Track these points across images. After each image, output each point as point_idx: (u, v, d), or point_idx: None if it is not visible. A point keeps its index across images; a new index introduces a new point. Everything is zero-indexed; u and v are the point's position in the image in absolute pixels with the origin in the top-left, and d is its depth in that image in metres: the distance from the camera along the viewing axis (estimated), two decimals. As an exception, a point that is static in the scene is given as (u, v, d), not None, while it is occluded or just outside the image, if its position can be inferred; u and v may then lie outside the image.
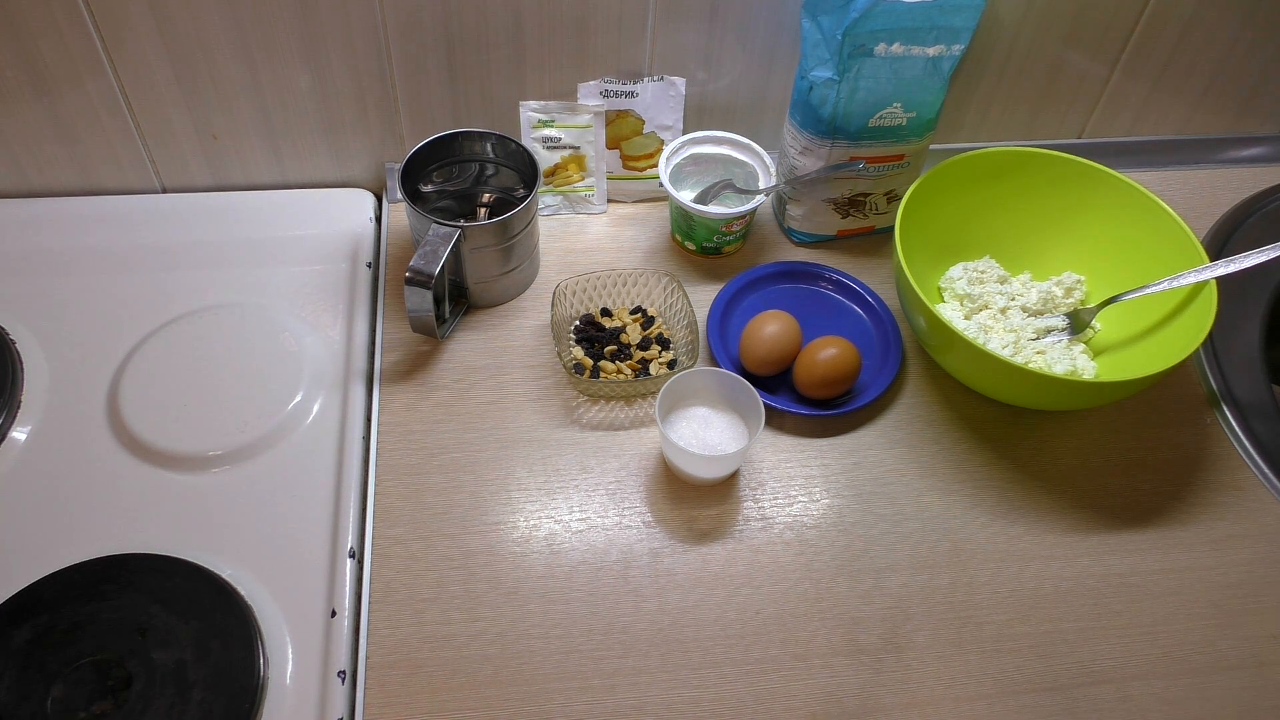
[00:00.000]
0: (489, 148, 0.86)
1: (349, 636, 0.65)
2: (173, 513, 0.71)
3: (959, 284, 0.85)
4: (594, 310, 0.84)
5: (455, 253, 0.77)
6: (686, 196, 0.86)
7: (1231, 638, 0.70)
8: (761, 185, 0.89)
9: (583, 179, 0.92)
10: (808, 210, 0.90)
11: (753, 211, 0.87)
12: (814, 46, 0.79)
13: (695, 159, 0.90)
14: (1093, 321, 0.83)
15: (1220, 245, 0.93)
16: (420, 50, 0.84)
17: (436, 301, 0.78)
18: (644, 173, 0.93)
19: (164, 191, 0.92)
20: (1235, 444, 0.80)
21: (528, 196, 0.80)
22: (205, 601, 0.65)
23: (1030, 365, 0.78)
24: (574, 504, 0.73)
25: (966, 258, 0.87)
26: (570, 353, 0.81)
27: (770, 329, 0.78)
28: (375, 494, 0.73)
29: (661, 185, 0.86)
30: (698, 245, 0.89)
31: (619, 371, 0.80)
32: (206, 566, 0.66)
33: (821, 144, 0.84)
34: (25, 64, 0.80)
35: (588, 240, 0.92)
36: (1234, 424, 0.81)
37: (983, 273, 0.86)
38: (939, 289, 0.87)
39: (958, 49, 0.79)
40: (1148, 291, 0.78)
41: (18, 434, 0.74)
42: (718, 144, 0.90)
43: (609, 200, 0.95)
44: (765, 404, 0.74)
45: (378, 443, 0.76)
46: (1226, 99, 1.01)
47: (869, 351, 0.83)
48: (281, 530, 0.70)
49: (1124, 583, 0.72)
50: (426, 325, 0.78)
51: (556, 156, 0.90)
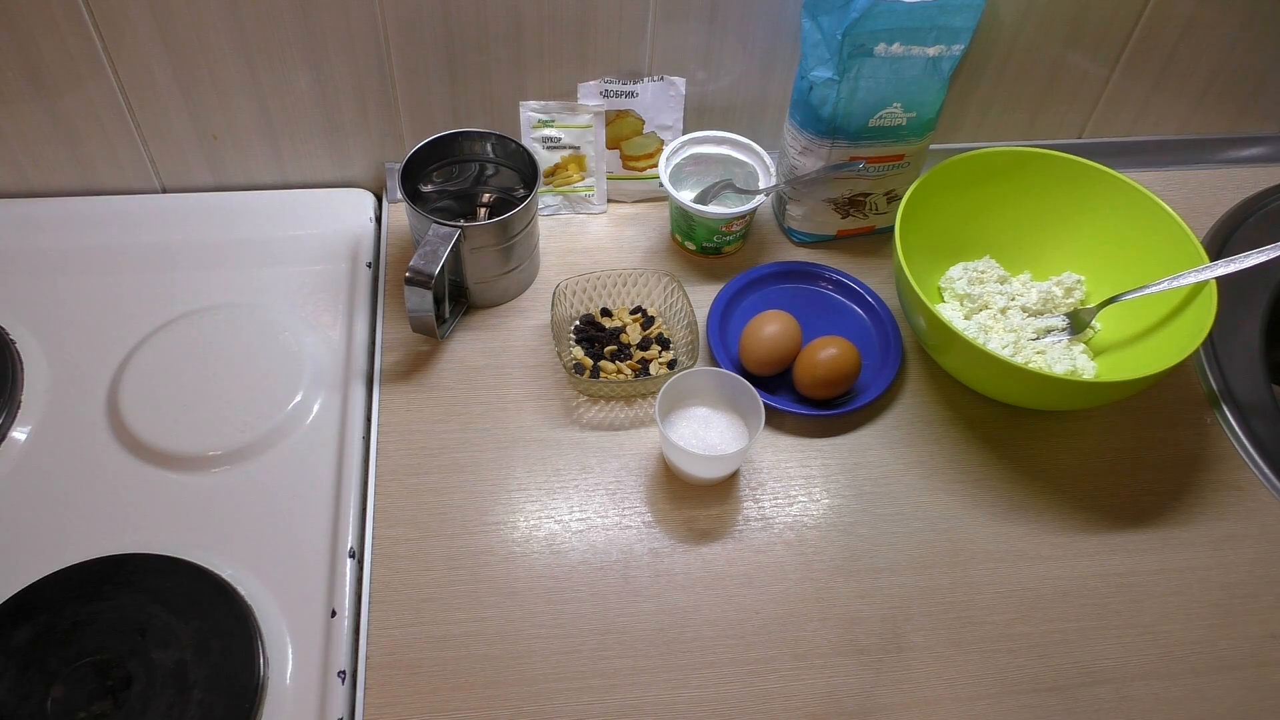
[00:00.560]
0: (489, 148, 0.86)
1: (349, 636, 0.65)
2: (173, 513, 0.71)
3: (959, 284, 0.85)
4: (594, 310, 0.84)
5: (455, 253, 0.77)
6: (686, 196, 0.86)
7: (1231, 638, 0.70)
8: (761, 185, 0.89)
9: (583, 179, 0.92)
10: (808, 210, 0.90)
11: (753, 211, 0.87)
12: (814, 46, 0.79)
13: (695, 159, 0.90)
14: (1093, 321, 0.83)
15: (1220, 245, 0.93)
16: (420, 50, 0.84)
17: (436, 301, 0.78)
18: (644, 173, 0.93)
19: (164, 191, 0.92)
20: (1235, 444, 0.80)
21: (528, 196, 0.80)
22: (205, 601, 0.65)
23: (1030, 365, 0.78)
24: (574, 504, 0.73)
25: (966, 258, 0.87)
26: (570, 353, 0.81)
27: (770, 329, 0.78)
28: (375, 494, 0.73)
29: (661, 185, 0.86)
30: (698, 245, 0.89)
31: (619, 371, 0.80)
32: (206, 566, 0.66)
33: (821, 144, 0.84)
34: (25, 64, 0.80)
35: (588, 240, 0.92)
36: (1234, 424, 0.81)
37: (983, 273, 0.86)
38: (939, 289, 0.87)
39: (958, 49, 0.79)
40: (1148, 291, 0.78)
41: (18, 434, 0.74)
42: (718, 144, 0.90)
43: (609, 200, 0.95)
44: (765, 404, 0.74)
45: (378, 443, 0.76)
46: (1226, 99, 1.01)
47: (869, 351, 0.83)
48: (281, 530, 0.70)
49: (1124, 583, 0.72)
50: (426, 325, 0.78)
51: (556, 156, 0.90)
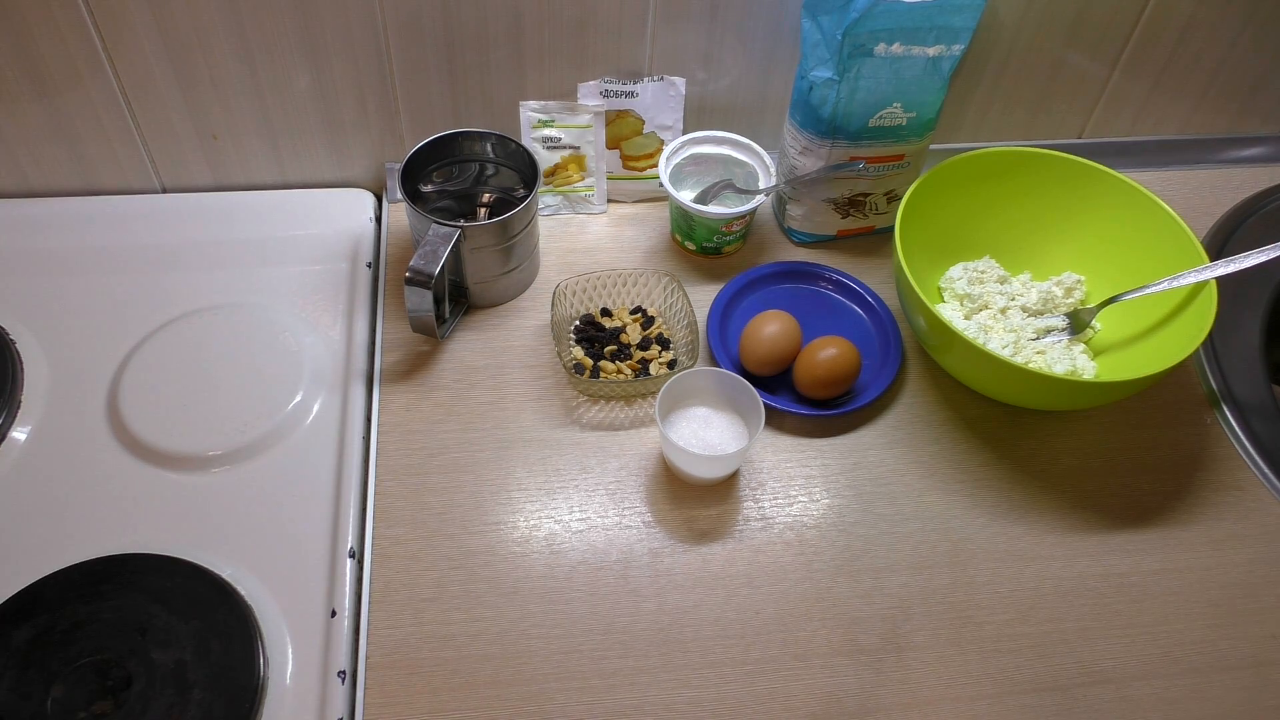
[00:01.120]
0: (489, 148, 0.86)
1: (349, 636, 0.65)
2: (173, 513, 0.71)
3: (959, 284, 0.85)
4: (594, 310, 0.84)
5: (455, 253, 0.77)
6: (686, 196, 0.86)
7: (1231, 638, 0.70)
8: (761, 185, 0.89)
9: (583, 179, 0.92)
10: (808, 210, 0.90)
11: (753, 211, 0.87)
12: (814, 46, 0.79)
13: (695, 159, 0.90)
14: (1093, 321, 0.83)
15: (1220, 245, 0.93)
16: (420, 50, 0.84)
17: (436, 301, 0.78)
18: (644, 173, 0.93)
19: (164, 191, 0.92)
20: (1235, 444, 0.80)
21: (528, 196, 0.80)
22: (205, 601, 0.65)
23: (1030, 365, 0.78)
24: (574, 504, 0.73)
25: (966, 258, 0.87)
26: (570, 353, 0.81)
27: (770, 329, 0.78)
28: (375, 494, 0.73)
29: (661, 185, 0.86)
30: (698, 245, 0.89)
31: (619, 371, 0.80)
32: (206, 566, 0.66)
33: (821, 144, 0.84)
34: (25, 64, 0.80)
35: (588, 240, 0.92)
36: (1234, 424, 0.81)
37: (983, 273, 0.86)
38: (939, 289, 0.87)
39: (958, 49, 0.79)
40: (1148, 291, 0.78)
41: (18, 434, 0.74)
42: (718, 144, 0.90)
43: (609, 200, 0.95)
44: (765, 404, 0.74)
45: (378, 443, 0.76)
46: (1226, 99, 1.01)
47: (869, 351, 0.83)
48: (281, 530, 0.70)
49: (1124, 583, 0.72)
50: (426, 325, 0.78)
51: (556, 156, 0.90)
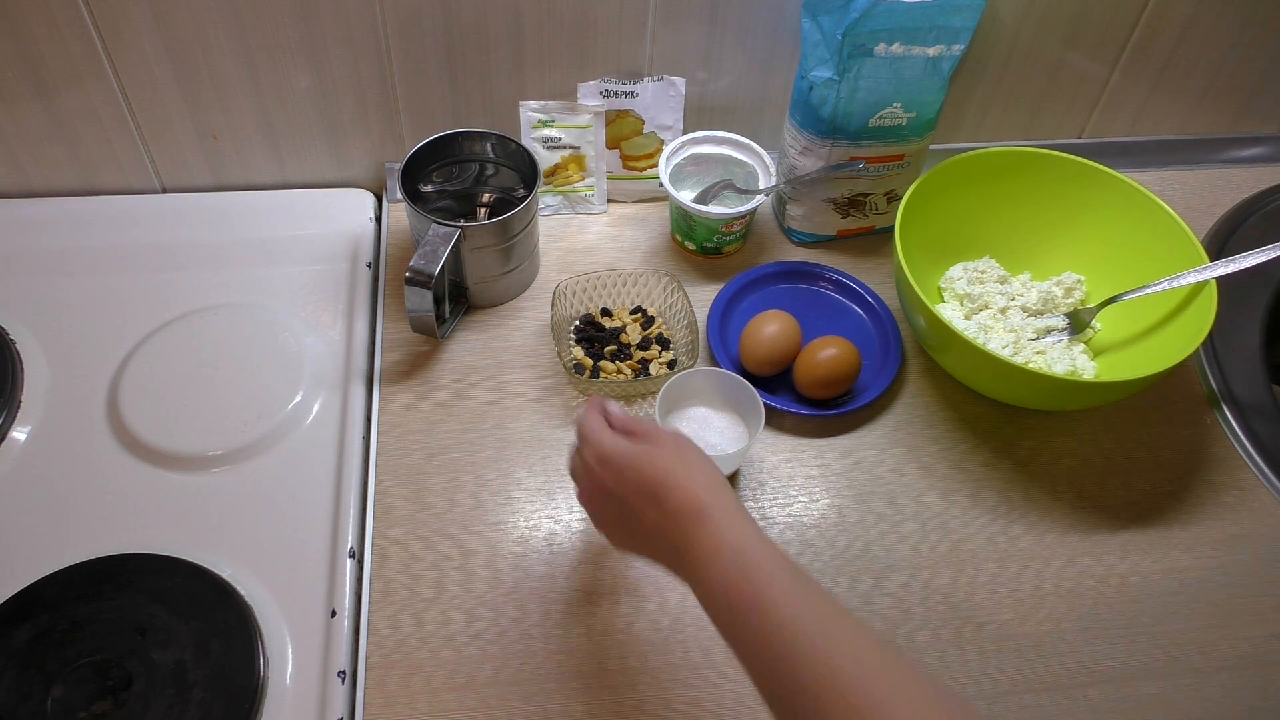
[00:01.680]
0: (489, 148, 0.86)
1: (349, 636, 0.65)
2: (173, 513, 0.71)
3: (959, 284, 0.85)
4: (594, 310, 0.84)
5: (455, 253, 0.77)
6: (686, 196, 0.86)
7: (1231, 638, 0.70)
8: (761, 185, 0.89)
9: (583, 179, 0.92)
10: (808, 210, 0.90)
11: (753, 211, 0.87)
12: (814, 46, 0.79)
13: (695, 159, 0.90)
14: (1093, 321, 0.83)
15: (1220, 245, 0.93)
16: (420, 50, 0.84)
17: (436, 301, 0.78)
18: (644, 173, 0.93)
19: (164, 191, 0.92)
20: (1235, 444, 0.80)
21: (528, 196, 0.80)
22: (205, 601, 0.65)
23: (1030, 365, 0.78)
24: (574, 504, 0.73)
25: (966, 258, 0.87)
26: (570, 353, 0.81)
27: (770, 329, 0.78)
28: (375, 494, 0.73)
29: (661, 185, 0.86)
30: (698, 245, 0.89)
31: (619, 371, 0.80)
32: (206, 566, 0.66)
33: (821, 144, 0.84)
34: (25, 64, 0.80)
35: (588, 240, 0.92)
36: (1234, 424, 0.81)
37: (983, 273, 0.85)
38: (939, 289, 0.87)
39: (958, 49, 0.79)
40: (1148, 291, 0.78)
41: (18, 434, 0.74)
42: (718, 144, 0.90)
43: (609, 200, 0.95)
44: (765, 404, 0.74)
45: (378, 443, 0.76)
46: (1226, 99, 1.01)
47: (869, 351, 0.83)
48: (281, 530, 0.70)
49: (1124, 583, 0.72)
50: (426, 325, 0.78)
51: (556, 156, 0.90)
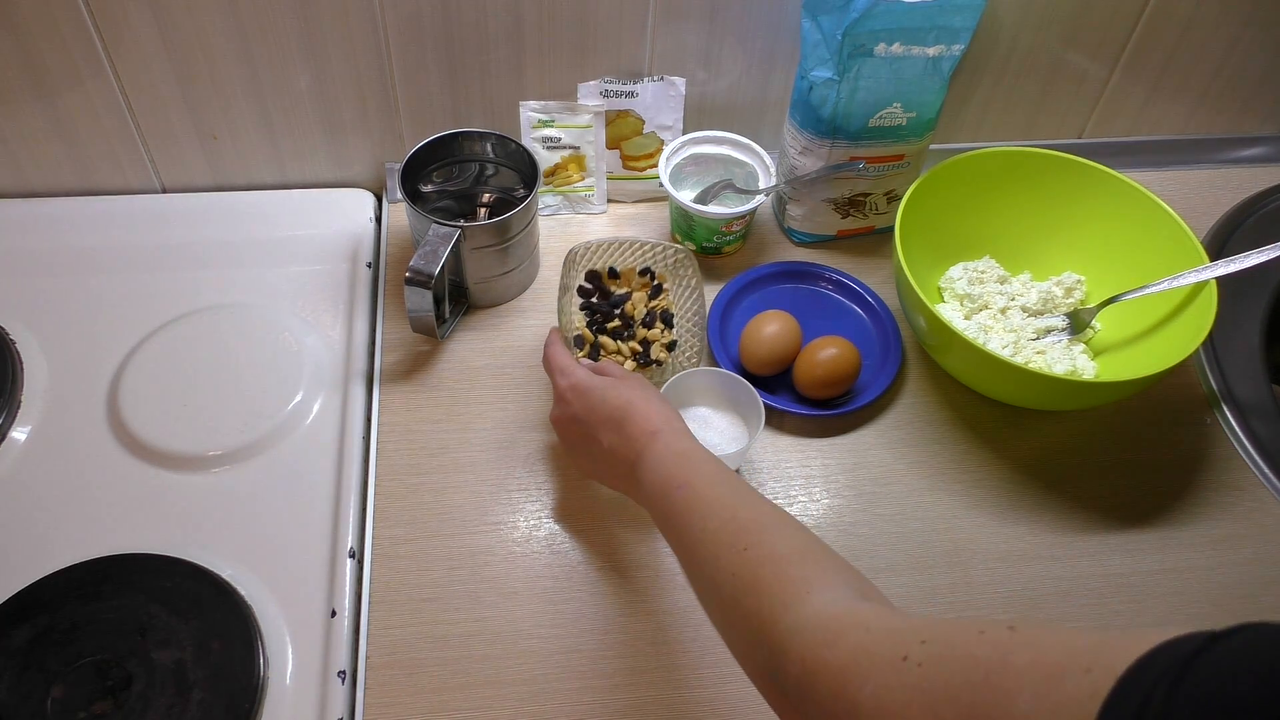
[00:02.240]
0: (489, 148, 0.86)
1: (349, 636, 0.65)
2: (173, 513, 0.71)
3: (959, 284, 0.85)
4: (601, 269, 0.83)
5: (455, 253, 0.77)
6: (686, 196, 0.86)
7: (1231, 638, 0.69)
8: (761, 185, 0.89)
9: (583, 179, 0.92)
10: (808, 210, 0.90)
11: (753, 211, 0.87)
12: (814, 46, 0.79)
13: (695, 159, 0.90)
14: (1093, 321, 0.83)
15: (1220, 245, 0.93)
16: (420, 50, 0.83)
17: (436, 301, 0.78)
18: (644, 173, 0.93)
19: (164, 191, 0.92)
20: (1235, 444, 0.80)
21: (528, 196, 0.80)
22: (205, 601, 0.65)
23: (1030, 365, 0.78)
24: (574, 504, 0.73)
25: (966, 258, 0.87)
26: (572, 320, 0.80)
27: (770, 329, 0.78)
28: (375, 494, 0.73)
29: (661, 185, 0.86)
30: (698, 245, 0.89)
31: (619, 351, 0.79)
32: (206, 566, 0.66)
33: (821, 144, 0.84)
34: (25, 64, 0.80)
35: (588, 240, 0.91)
36: (1234, 424, 0.81)
37: (983, 273, 0.85)
38: (939, 289, 0.87)
39: (958, 49, 0.79)
40: (1148, 291, 0.78)
41: (18, 434, 0.74)
42: (718, 144, 0.90)
43: (609, 200, 0.95)
44: (765, 404, 0.74)
45: (378, 443, 0.76)
46: (1226, 99, 1.00)
47: (869, 351, 0.83)
48: (281, 530, 0.70)
49: (1124, 583, 0.72)
50: (426, 325, 0.78)
51: (556, 156, 0.90)
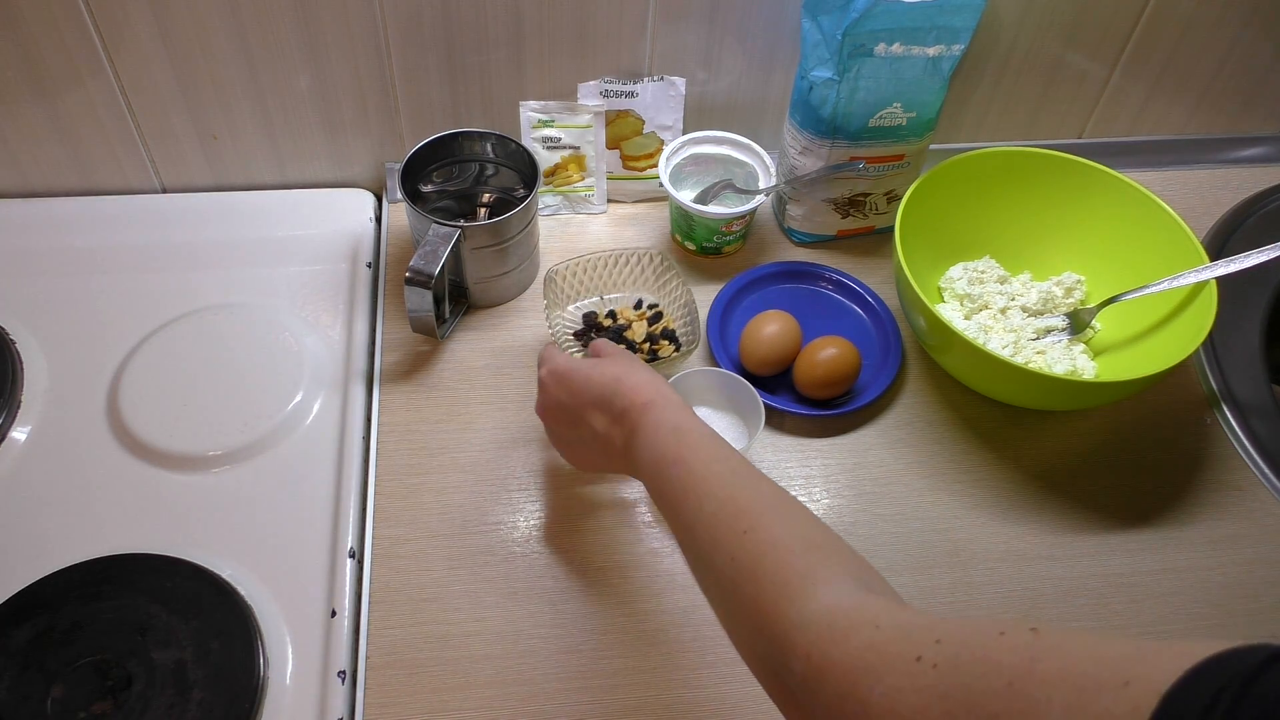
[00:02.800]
0: (489, 148, 0.86)
1: (349, 636, 0.65)
2: (173, 513, 0.71)
3: (959, 284, 0.85)
4: (599, 310, 0.83)
5: (455, 253, 0.77)
6: (686, 196, 0.86)
7: (1231, 638, 0.69)
8: (761, 185, 0.89)
9: (583, 179, 0.92)
10: (808, 210, 0.90)
11: (753, 211, 0.87)
12: (814, 46, 0.79)
13: (695, 159, 0.90)
14: (1093, 321, 0.83)
15: (1220, 245, 0.93)
16: (420, 50, 0.83)
17: (436, 301, 0.78)
18: (644, 173, 0.93)
19: (164, 191, 0.92)
20: (1235, 444, 0.80)
21: (528, 196, 0.80)
22: (205, 601, 0.65)
23: (1030, 365, 0.78)
24: (574, 504, 0.73)
25: (966, 258, 0.87)
26: (566, 335, 0.80)
27: (770, 329, 0.78)
28: (375, 494, 0.73)
29: (661, 185, 0.86)
30: (698, 245, 0.89)
31: None
32: (206, 566, 0.66)
33: (821, 144, 0.84)
34: (25, 64, 0.80)
35: (588, 240, 0.91)
36: (1234, 424, 0.81)
37: (983, 273, 0.85)
38: (939, 289, 0.87)
39: (958, 49, 0.79)
40: (1148, 291, 0.78)
41: (18, 434, 0.74)
42: (718, 144, 0.90)
43: (609, 200, 0.95)
44: (765, 404, 0.74)
45: (378, 443, 0.76)
46: (1226, 99, 1.00)
47: (869, 351, 0.83)
48: (281, 530, 0.70)
49: (1124, 583, 0.72)
50: (426, 325, 0.78)
51: (556, 156, 0.90)
